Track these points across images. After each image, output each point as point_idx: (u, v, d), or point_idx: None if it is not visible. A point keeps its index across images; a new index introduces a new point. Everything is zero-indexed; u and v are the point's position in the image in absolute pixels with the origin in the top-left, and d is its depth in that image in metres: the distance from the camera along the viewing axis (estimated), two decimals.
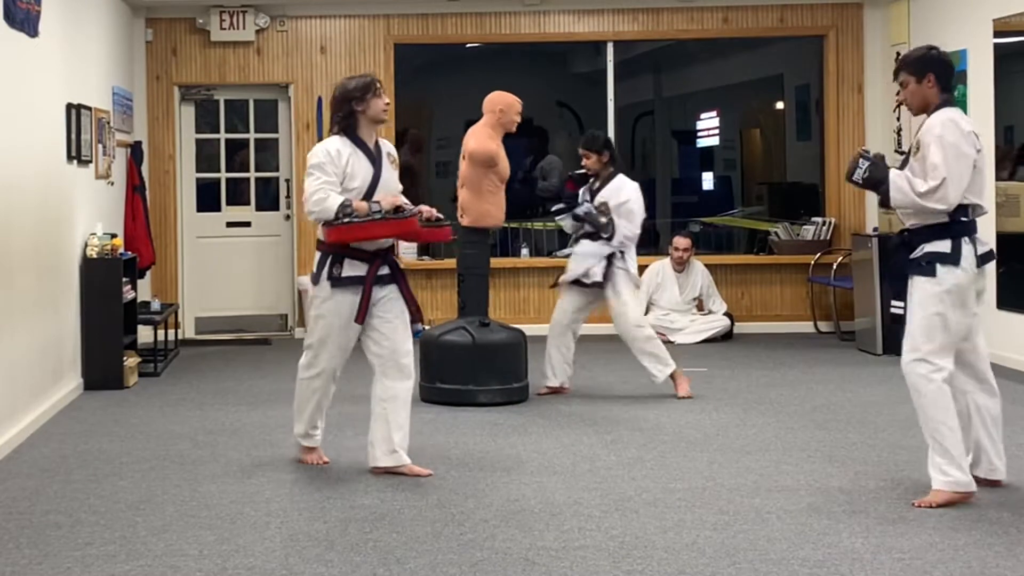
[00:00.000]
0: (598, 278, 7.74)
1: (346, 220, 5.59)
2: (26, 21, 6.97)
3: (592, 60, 11.98)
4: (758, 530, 4.87)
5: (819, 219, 11.25)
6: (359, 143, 5.77)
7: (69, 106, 8.12)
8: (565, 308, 7.97)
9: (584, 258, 7.80)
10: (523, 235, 11.58)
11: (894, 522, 4.96)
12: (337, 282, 5.73)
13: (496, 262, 10.28)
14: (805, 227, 11.29)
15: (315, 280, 5.79)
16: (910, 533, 4.81)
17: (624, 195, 7.83)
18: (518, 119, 7.70)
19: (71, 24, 8.25)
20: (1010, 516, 5.04)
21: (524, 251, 11.37)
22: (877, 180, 5.33)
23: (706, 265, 10.85)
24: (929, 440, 5.25)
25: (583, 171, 7.97)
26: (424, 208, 5.98)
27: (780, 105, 13.00)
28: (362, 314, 5.76)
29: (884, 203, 5.41)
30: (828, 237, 11.09)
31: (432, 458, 6.19)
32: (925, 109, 5.35)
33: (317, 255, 5.83)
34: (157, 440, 6.73)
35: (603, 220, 7.72)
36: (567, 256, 8.07)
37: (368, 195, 5.70)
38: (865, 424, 6.95)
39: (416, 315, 5.99)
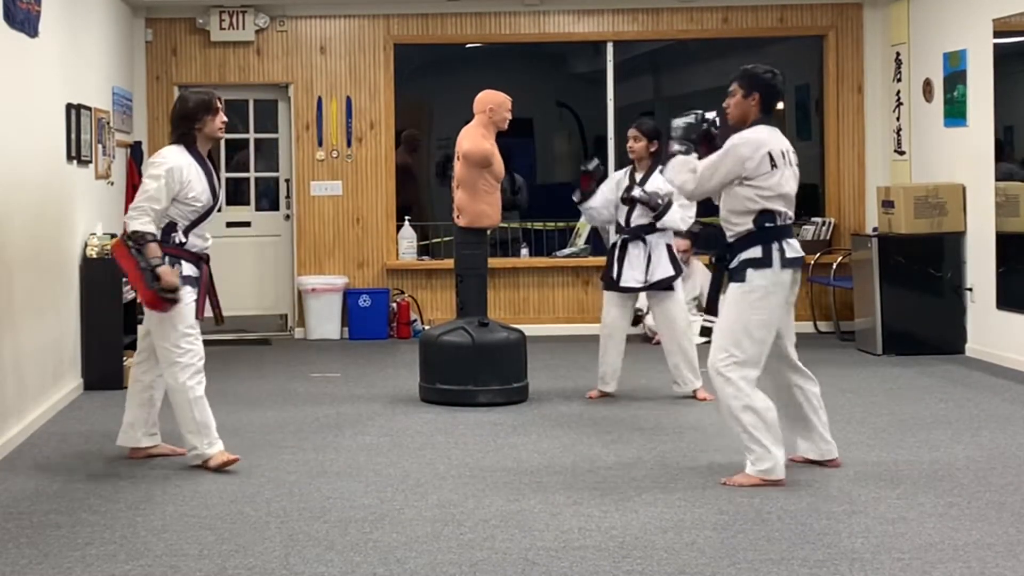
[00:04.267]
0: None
1: (134, 249, 5.87)
2: (26, 21, 6.97)
3: (592, 60, 11.98)
4: (758, 530, 4.87)
5: (819, 219, 11.25)
6: (196, 156, 6.06)
7: (69, 106, 8.12)
8: (618, 312, 7.84)
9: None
10: (523, 235, 11.59)
11: (894, 522, 4.96)
12: (184, 280, 5.99)
13: (496, 262, 10.29)
14: (805, 227, 11.28)
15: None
16: (910, 533, 4.82)
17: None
18: (509, 116, 7.70)
19: (71, 24, 8.25)
20: (1010, 516, 5.04)
21: (524, 251, 11.37)
22: (683, 143, 5.80)
23: (706, 265, 10.83)
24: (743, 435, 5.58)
25: (596, 164, 7.91)
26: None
27: (780, 105, 12.98)
28: (202, 309, 6.10)
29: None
30: (828, 237, 11.10)
31: (432, 458, 6.20)
32: (744, 122, 5.69)
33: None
34: None
35: (660, 201, 7.59)
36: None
37: (211, 205, 6.06)
38: (865, 424, 6.95)
39: (216, 311, 6.31)
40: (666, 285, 7.70)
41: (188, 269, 6.01)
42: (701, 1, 11.09)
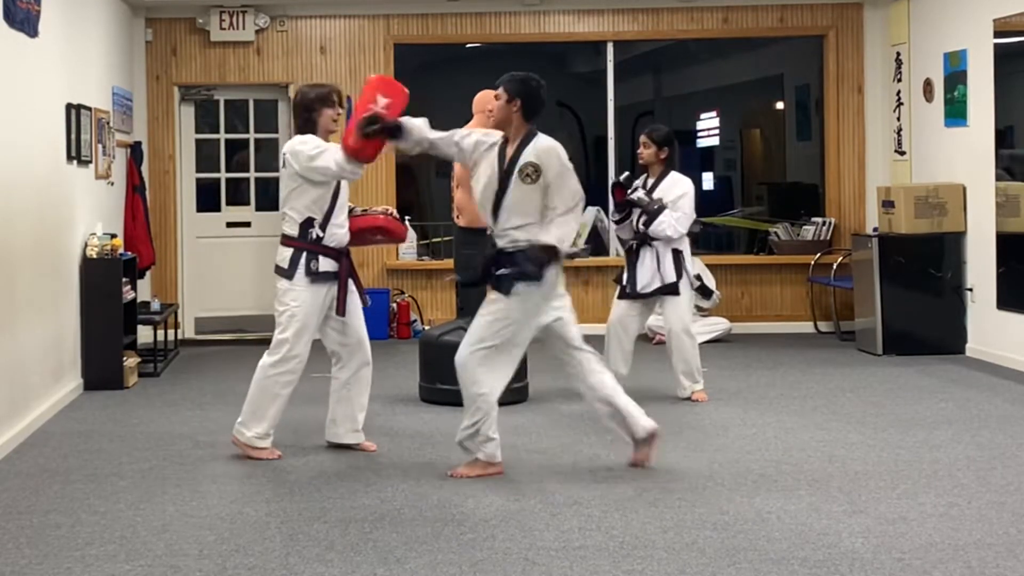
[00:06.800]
0: (656, 285, 7.64)
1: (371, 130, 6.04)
2: (26, 21, 6.97)
3: (592, 60, 11.97)
4: (758, 530, 4.87)
5: (819, 219, 11.25)
6: None
7: (69, 106, 8.12)
8: (625, 310, 7.79)
9: (644, 270, 7.67)
10: None
11: (894, 522, 4.96)
12: (316, 277, 6.17)
13: None
14: (805, 227, 11.29)
15: (289, 275, 6.20)
16: (910, 533, 4.82)
17: (680, 189, 7.76)
18: None
19: (71, 24, 8.25)
20: (1010, 516, 5.04)
21: None
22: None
23: (707, 265, 10.83)
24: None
25: (627, 175, 7.89)
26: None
27: (780, 105, 13.00)
28: (342, 306, 6.28)
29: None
30: (828, 237, 11.10)
31: (432, 458, 6.20)
32: (504, 126, 5.90)
33: (287, 252, 6.22)
34: (157, 440, 6.74)
35: (655, 206, 7.58)
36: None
37: (334, 195, 6.20)
38: (865, 424, 6.95)
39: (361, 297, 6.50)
40: (671, 290, 7.68)
41: (326, 264, 6.19)
42: (701, 1, 11.09)
